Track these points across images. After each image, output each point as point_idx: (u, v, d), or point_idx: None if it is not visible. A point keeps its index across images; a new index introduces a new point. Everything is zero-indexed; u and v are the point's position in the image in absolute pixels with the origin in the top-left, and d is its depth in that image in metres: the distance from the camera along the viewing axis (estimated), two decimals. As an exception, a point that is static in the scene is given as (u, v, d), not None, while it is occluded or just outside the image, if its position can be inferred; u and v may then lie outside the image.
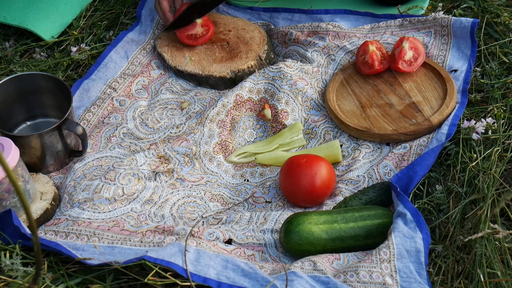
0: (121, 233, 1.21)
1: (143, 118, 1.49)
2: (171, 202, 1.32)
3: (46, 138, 1.32)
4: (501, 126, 1.34)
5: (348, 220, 1.17)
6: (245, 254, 1.17)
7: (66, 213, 1.26)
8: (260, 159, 1.43)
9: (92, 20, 1.77)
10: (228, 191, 1.38)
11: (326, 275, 1.07)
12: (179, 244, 1.12)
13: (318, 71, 1.55)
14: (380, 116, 1.43)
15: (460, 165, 1.28)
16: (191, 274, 1.07)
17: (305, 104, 1.50)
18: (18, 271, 1.09)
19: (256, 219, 1.25)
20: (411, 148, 1.35)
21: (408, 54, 1.49)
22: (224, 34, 1.65)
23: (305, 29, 1.64)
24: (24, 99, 1.43)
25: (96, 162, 1.38)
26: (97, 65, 1.59)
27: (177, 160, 1.40)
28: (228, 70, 1.55)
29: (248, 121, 1.50)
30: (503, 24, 1.59)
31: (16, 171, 1.21)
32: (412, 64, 1.49)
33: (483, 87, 1.47)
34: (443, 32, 1.57)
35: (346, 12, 1.68)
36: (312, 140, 1.46)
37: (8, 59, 1.67)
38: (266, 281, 1.06)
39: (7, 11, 1.72)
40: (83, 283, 1.11)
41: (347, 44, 1.59)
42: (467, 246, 1.13)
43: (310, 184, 1.27)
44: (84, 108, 1.52)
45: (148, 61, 1.64)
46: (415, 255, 1.09)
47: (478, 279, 1.06)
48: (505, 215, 1.19)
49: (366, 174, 1.32)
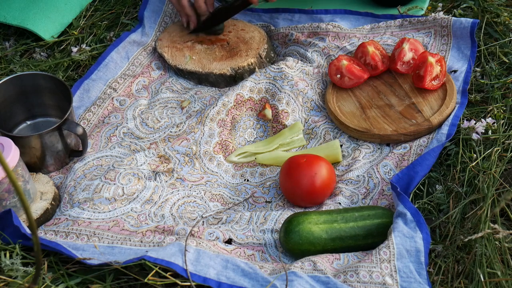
0: (121, 233, 1.21)
1: (143, 118, 1.49)
2: (171, 202, 1.32)
3: (46, 138, 1.32)
4: (501, 126, 1.34)
5: (348, 219, 1.17)
6: (245, 254, 1.17)
7: (66, 213, 1.26)
8: (260, 159, 1.43)
9: (92, 20, 1.77)
10: (228, 191, 1.38)
11: (326, 275, 1.07)
12: (179, 244, 1.12)
13: (318, 72, 1.55)
14: (380, 117, 1.43)
15: (460, 165, 1.28)
16: (191, 274, 1.07)
17: (305, 105, 1.50)
18: (18, 271, 1.09)
19: (256, 219, 1.25)
20: (411, 148, 1.35)
21: (408, 56, 1.49)
22: (224, 34, 1.66)
23: (305, 30, 1.64)
24: (24, 99, 1.43)
25: (96, 162, 1.38)
26: (98, 64, 1.59)
27: (177, 160, 1.40)
28: (228, 67, 1.55)
29: (248, 120, 1.50)
30: (503, 24, 1.59)
31: (16, 171, 1.21)
32: (410, 64, 1.49)
33: (483, 87, 1.47)
34: (443, 33, 1.57)
35: (346, 12, 1.69)
36: (312, 140, 1.46)
37: (8, 59, 1.67)
38: (266, 281, 1.06)
39: (7, 11, 1.72)
40: (83, 283, 1.11)
41: (347, 45, 1.59)
42: (467, 246, 1.13)
43: (310, 184, 1.27)
44: (84, 108, 1.52)
45: (148, 62, 1.64)
46: (415, 255, 1.09)
47: (478, 279, 1.06)
48: (505, 215, 1.19)
49: (366, 174, 1.33)
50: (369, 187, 1.30)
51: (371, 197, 1.29)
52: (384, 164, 1.33)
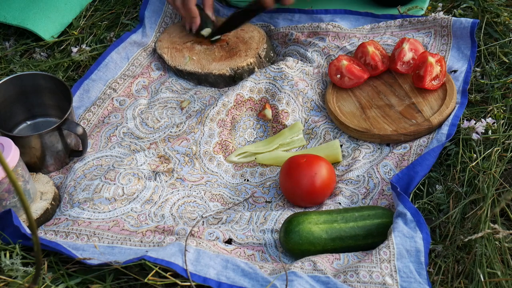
0: (121, 233, 1.21)
1: (143, 118, 1.49)
2: (171, 202, 1.32)
3: (46, 138, 1.32)
4: (501, 126, 1.34)
5: (348, 219, 1.17)
6: (245, 254, 1.17)
7: (66, 213, 1.26)
8: (260, 159, 1.43)
9: (92, 20, 1.77)
10: (228, 191, 1.38)
11: (326, 275, 1.07)
12: (179, 244, 1.12)
13: (318, 72, 1.55)
14: (380, 117, 1.43)
15: (460, 165, 1.28)
16: (191, 274, 1.07)
17: (305, 105, 1.50)
18: (18, 271, 1.09)
19: (256, 219, 1.25)
20: (411, 148, 1.35)
21: (408, 56, 1.49)
22: (224, 35, 1.65)
23: (305, 30, 1.64)
24: (24, 99, 1.43)
25: (96, 162, 1.38)
26: (98, 65, 1.59)
27: (177, 160, 1.40)
28: (227, 67, 1.55)
29: (248, 120, 1.50)
30: (503, 24, 1.59)
31: (16, 171, 1.21)
32: (410, 65, 1.49)
33: (483, 87, 1.47)
34: (443, 33, 1.57)
35: (346, 12, 1.69)
36: (312, 140, 1.46)
37: (8, 59, 1.67)
38: (266, 281, 1.06)
39: (7, 11, 1.72)
40: (83, 283, 1.11)
41: (347, 45, 1.59)
42: (467, 246, 1.13)
43: (310, 184, 1.27)
44: (84, 108, 1.52)
45: (148, 62, 1.64)
46: (415, 255, 1.09)
47: (478, 279, 1.06)
48: (505, 215, 1.19)
49: (366, 174, 1.32)
50: (369, 187, 1.30)
51: (371, 197, 1.29)
52: (384, 164, 1.33)
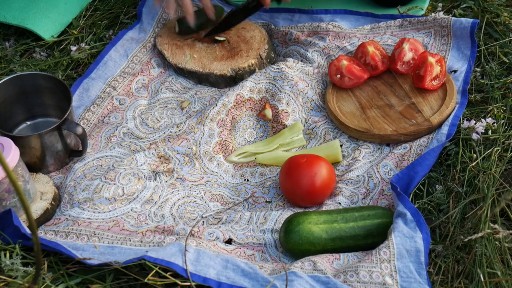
0: (121, 233, 1.21)
1: (143, 118, 1.49)
2: (171, 202, 1.32)
3: (46, 138, 1.32)
4: (501, 126, 1.34)
5: (348, 219, 1.17)
6: (245, 254, 1.17)
7: (66, 213, 1.26)
8: (260, 159, 1.43)
9: (92, 20, 1.77)
10: (228, 191, 1.38)
11: (326, 275, 1.07)
12: (179, 244, 1.12)
13: (318, 72, 1.55)
14: (380, 117, 1.43)
15: (460, 165, 1.28)
16: (191, 274, 1.07)
17: (305, 105, 1.50)
18: (18, 271, 1.09)
19: (256, 219, 1.25)
20: (411, 148, 1.35)
21: (408, 56, 1.49)
22: (224, 33, 1.65)
23: (305, 29, 1.64)
24: (24, 99, 1.43)
25: (96, 162, 1.38)
26: (97, 63, 1.59)
27: (177, 160, 1.40)
28: (228, 68, 1.55)
29: (248, 120, 1.50)
30: (503, 24, 1.59)
31: (16, 171, 1.21)
32: (410, 65, 1.49)
33: (483, 87, 1.47)
34: (443, 33, 1.57)
35: (346, 12, 1.68)
36: (312, 140, 1.46)
37: (8, 59, 1.67)
38: (266, 281, 1.06)
39: (7, 11, 1.72)
40: (83, 283, 1.11)
41: (347, 45, 1.59)
42: (467, 246, 1.13)
43: (310, 184, 1.27)
44: (84, 107, 1.52)
45: (148, 59, 1.63)
46: (415, 255, 1.09)
47: (478, 279, 1.06)
48: (505, 215, 1.19)
49: (366, 174, 1.32)
50: (369, 187, 1.30)
51: (371, 197, 1.29)
52: (384, 164, 1.33)
